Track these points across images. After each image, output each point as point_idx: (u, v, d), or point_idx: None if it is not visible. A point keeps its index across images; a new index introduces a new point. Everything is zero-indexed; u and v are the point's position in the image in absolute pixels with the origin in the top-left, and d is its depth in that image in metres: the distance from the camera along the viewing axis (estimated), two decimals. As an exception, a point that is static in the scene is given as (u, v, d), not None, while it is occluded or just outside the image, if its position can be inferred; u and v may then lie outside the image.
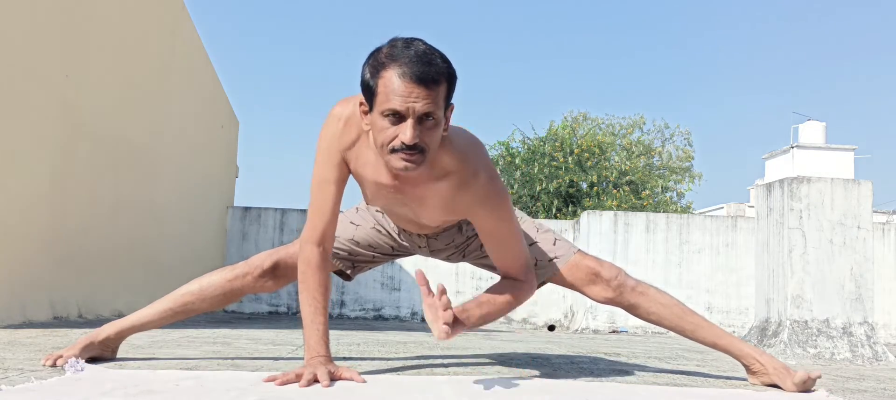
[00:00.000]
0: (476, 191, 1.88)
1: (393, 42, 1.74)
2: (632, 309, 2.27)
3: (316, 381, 1.80)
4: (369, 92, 1.74)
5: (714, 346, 2.30)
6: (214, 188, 8.58)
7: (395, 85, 1.68)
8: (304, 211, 8.95)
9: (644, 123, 20.62)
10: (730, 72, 49.48)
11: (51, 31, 4.45)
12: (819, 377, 2.15)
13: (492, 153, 14.87)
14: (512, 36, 50.91)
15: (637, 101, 53.39)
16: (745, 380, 2.38)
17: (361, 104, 1.81)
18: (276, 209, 9.05)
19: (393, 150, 1.73)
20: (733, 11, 50.28)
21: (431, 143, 1.74)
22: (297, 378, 1.79)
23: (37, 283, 4.38)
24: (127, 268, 5.84)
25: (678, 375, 2.55)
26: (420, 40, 1.74)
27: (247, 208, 9.06)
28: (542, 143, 14.63)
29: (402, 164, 1.73)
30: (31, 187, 4.34)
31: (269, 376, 1.83)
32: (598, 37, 51.21)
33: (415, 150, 1.72)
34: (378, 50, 1.75)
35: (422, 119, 1.70)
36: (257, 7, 59.32)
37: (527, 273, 2.03)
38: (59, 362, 2.02)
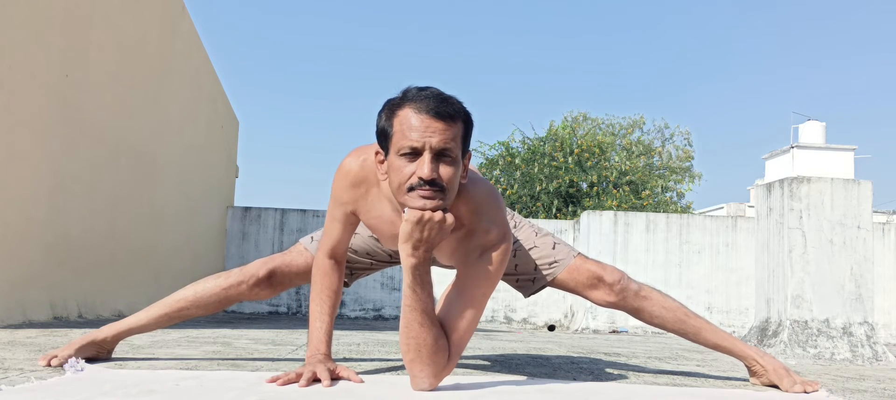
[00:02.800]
0: (483, 242, 1.83)
1: (406, 89, 1.74)
2: (635, 313, 2.27)
3: (316, 380, 1.80)
4: (385, 136, 1.73)
5: (716, 347, 2.30)
6: (214, 188, 8.58)
7: (411, 122, 1.67)
8: (304, 211, 9.01)
9: (644, 123, 20.65)
10: (730, 72, 49.49)
11: (51, 31, 4.45)
12: (815, 391, 2.14)
13: (492, 153, 14.87)
14: (512, 36, 50.92)
15: (637, 101, 53.42)
16: (745, 380, 2.39)
17: (377, 153, 1.80)
18: (275, 209, 9.05)
19: (410, 189, 1.68)
20: (734, 12, 50.27)
21: (450, 184, 1.70)
22: (298, 378, 1.79)
23: (37, 283, 4.38)
24: (127, 268, 5.84)
25: (678, 376, 2.55)
26: (434, 87, 1.75)
27: (247, 208, 9.06)
28: (542, 143, 14.63)
29: (420, 202, 1.68)
30: (31, 187, 4.34)
31: (271, 377, 1.84)
32: (598, 37, 51.23)
33: (433, 187, 1.67)
34: (391, 98, 1.76)
35: (439, 156, 1.67)
36: (257, 7, 59.32)
37: (456, 349, 1.81)
38: (53, 362, 2.02)
